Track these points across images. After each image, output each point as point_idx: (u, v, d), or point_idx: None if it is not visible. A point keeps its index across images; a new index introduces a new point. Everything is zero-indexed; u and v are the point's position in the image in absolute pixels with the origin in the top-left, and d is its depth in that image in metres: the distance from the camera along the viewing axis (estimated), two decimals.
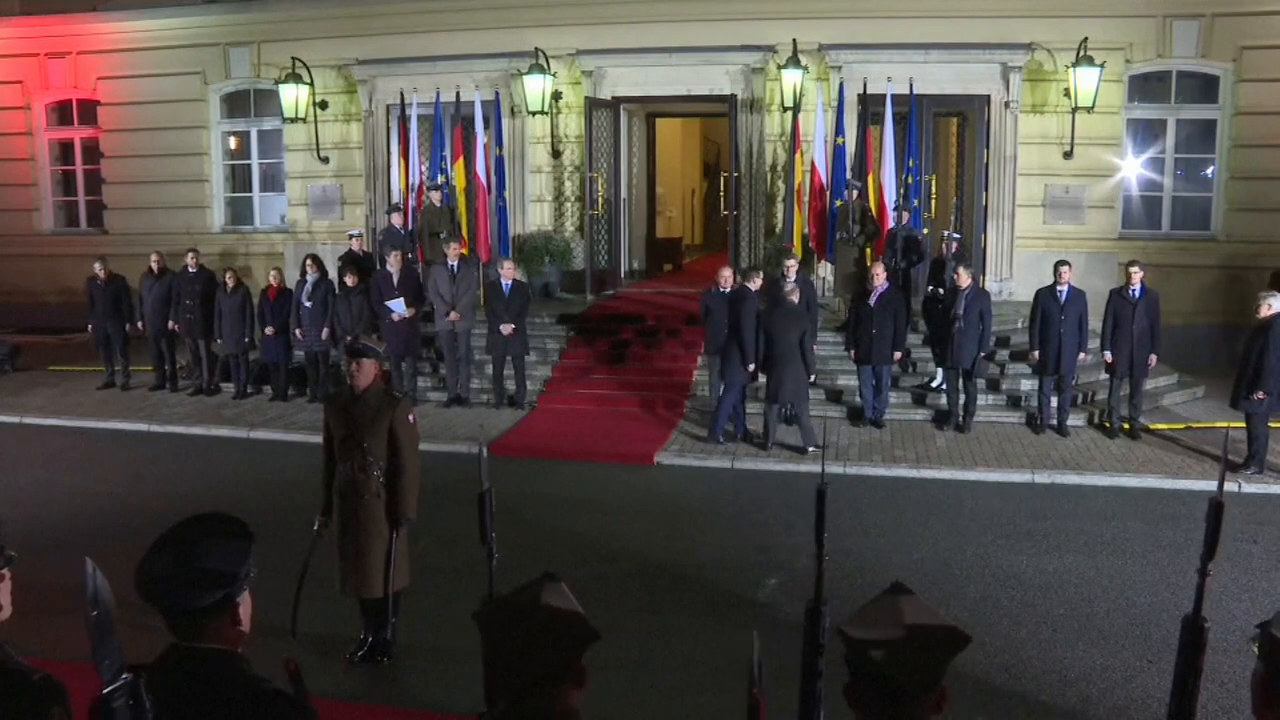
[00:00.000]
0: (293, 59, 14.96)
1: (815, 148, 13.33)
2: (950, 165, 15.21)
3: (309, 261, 12.48)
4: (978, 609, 6.62)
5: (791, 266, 11.10)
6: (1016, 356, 11.93)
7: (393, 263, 12.07)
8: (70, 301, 15.48)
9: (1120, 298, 10.60)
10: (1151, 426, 10.91)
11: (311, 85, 15.28)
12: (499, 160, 13.88)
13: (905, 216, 12.34)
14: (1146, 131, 14.09)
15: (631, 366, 12.55)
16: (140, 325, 13.19)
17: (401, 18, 14.87)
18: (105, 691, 1.88)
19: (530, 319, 12.31)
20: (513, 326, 11.65)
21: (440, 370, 12.73)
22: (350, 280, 12.05)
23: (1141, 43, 13.53)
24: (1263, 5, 13.27)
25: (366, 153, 15.55)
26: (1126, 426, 10.74)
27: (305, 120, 15.30)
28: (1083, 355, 10.89)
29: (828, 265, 13.65)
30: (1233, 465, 9.28)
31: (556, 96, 14.63)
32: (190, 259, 13.00)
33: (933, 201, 14.10)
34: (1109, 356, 10.62)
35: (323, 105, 15.51)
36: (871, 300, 10.91)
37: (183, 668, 2.13)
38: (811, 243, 13.50)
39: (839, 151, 13.22)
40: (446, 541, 7.24)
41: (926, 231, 12.80)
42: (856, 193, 12.62)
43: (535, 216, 15.15)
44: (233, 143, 16.84)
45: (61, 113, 17.47)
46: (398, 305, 11.78)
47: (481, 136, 13.65)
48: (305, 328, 12.21)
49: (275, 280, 12.64)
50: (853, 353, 11.17)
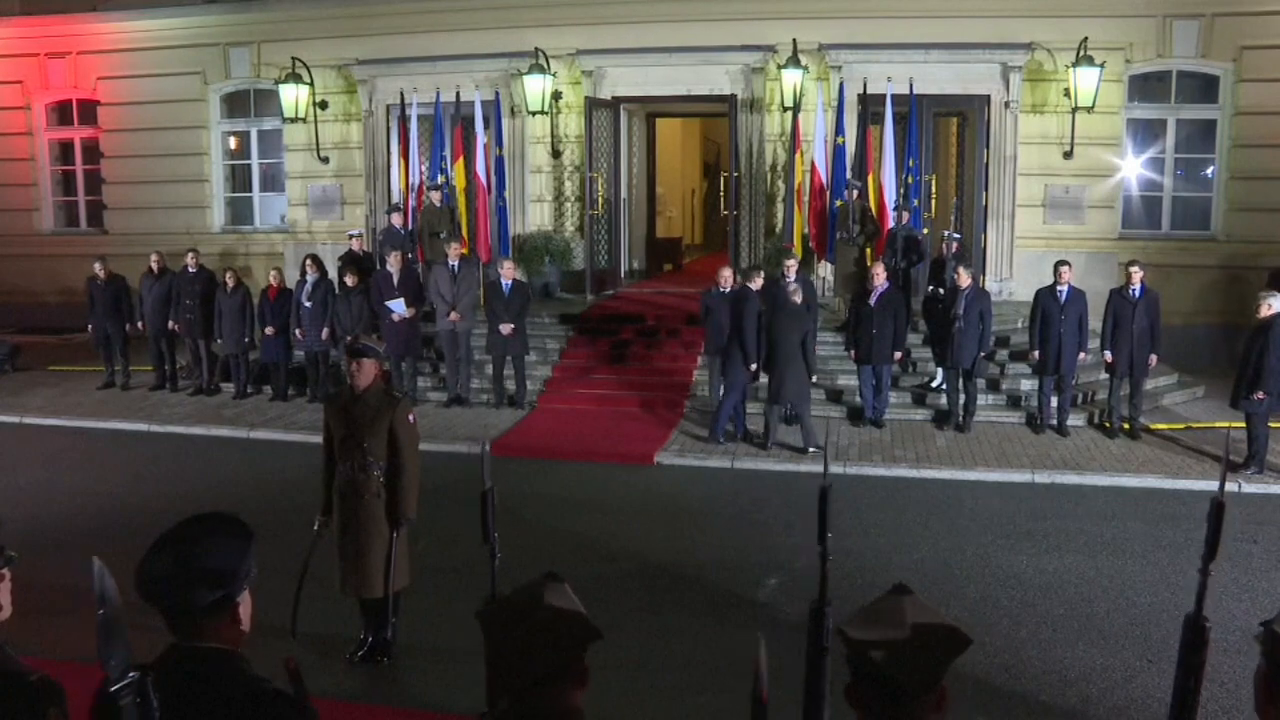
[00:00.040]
0: (293, 59, 14.97)
1: (815, 148, 13.34)
2: (950, 165, 15.20)
3: (309, 261, 12.48)
4: (978, 609, 6.62)
5: (791, 266, 11.11)
6: (1016, 356, 11.93)
7: (393, 263, 12.07)
8: (70, 301, 15.48)
9: (1120, 297, 10.60)
10: (1151, 426, 10.92)
11: (311, 85, 15.29)
12: (499, 160, 13.88)
13: (905, 216, 12.34)
14: (1146, 131, 14.09)
15: (631, 366, 12.55)
16: (140, 325, 13.19)
17: (401, 18, 14.87)
18: (113, 689, 1.88)
19: (530, 319, 12.31)
20: (512, 326, 11.66)
21: (440, 370, 12.73)
22: (350, 280, 12.05)
23: (1141, 43, 13.53)
24: (1263, 5, 13.27)
25: (366, 153, 15.55)
26: (1126, 426, 10.74)
27: (305, 120, 15.30)
28: (1083, 355, 10.89)
29: (828, 265, 13.64)
30: (1233, 465, 9.29)
31: (556, 96, 14.63)
32: (190, 259, 13.00)
33: (933, 201, 14.10)
34: (1109, 356, 10.62)
35: (323, 105, 15.51)
36: (871, 300, 10.91)
37: (183, 667, 2.13)
38: (811, 243, 13.50)
39: (839, 151, 13.22)
40: (446, 541, 7.25)
41: (926, 231, 12.80)
42: (856, 193, 12.62)
43: (535, 216, 15.15)
44: (233, 143, 16.84)
45: (61, 113, 17.47)
46: (398, 305, 11.78)
47: (481, 136, 13.65)
48: (305, 328, 12.22)
49: (275, 280, 12.64)
50: (853, 353, 11.18)
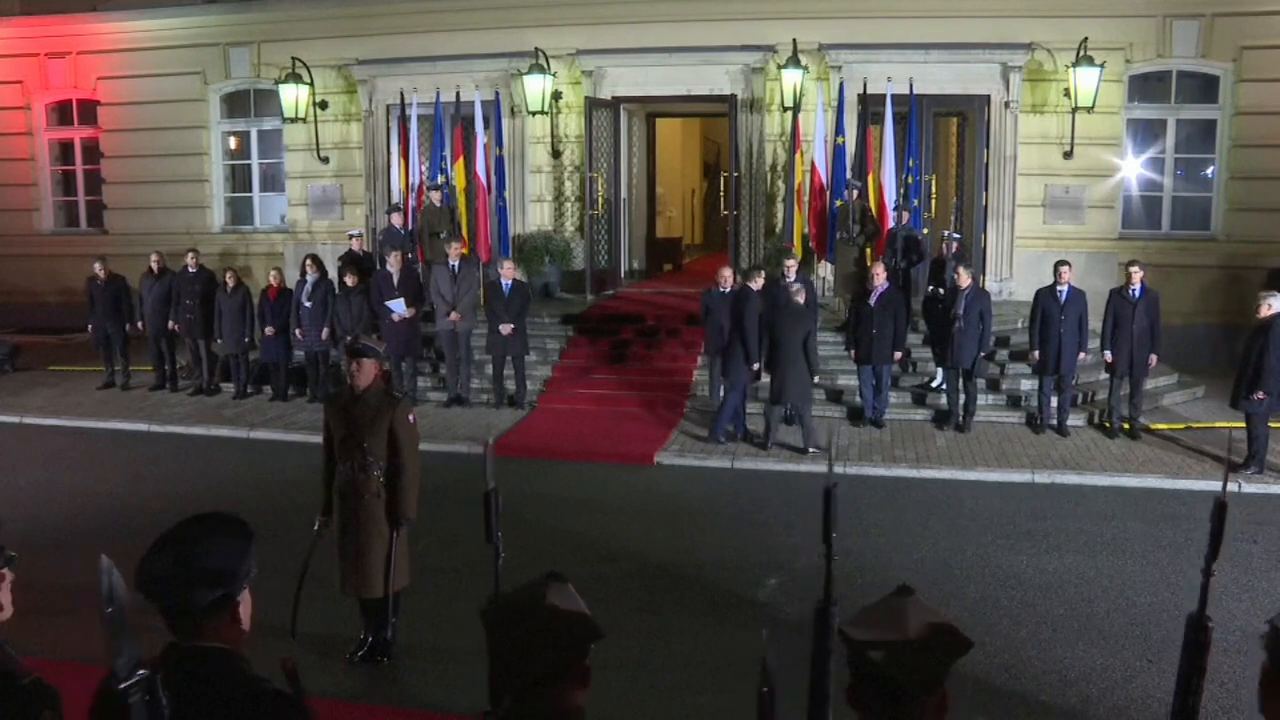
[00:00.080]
0: (293, 59, 14.96)
1: (815, 148, 13.33)
2: (950, 165, 15.20)
3: (309, 261, 12.48)
4: (978, 609, 6.62)
5: (792, 266, 11.11)
6: (1016, 356, 11.93)
7: (393, 263, 12.07)
8: (70, 301, 15.48)
9: (1120, 297, 10.60)
10: (1151, 426, 10.91)
11: (311, 85, 15.29)
12: (499, 160, 13.88)
13: (905, 216, 12.33)
14: (1146, 131, 14.08)
15: (631, 366, 12.55)
16: (140, 325, 13.19)
17: (401, 18, 14.87)
18: (121, 687, 1.88)
19: (530, 319, 12.31)
20: (512, 326, 11.65)
21: (440, 370, 12.73)
22: (350, 280, 12.05)
23: (1141, 43, 13.53)
24: (1263, 5, 13.27)
25: (366, 153, 15.55)
26: (1126, 426, 10.74)
27: (305, 120, 15.30)
28: (1083, 355, 10.89)
29: (828, 265, 13.64)
30: (1233, 465, 9.30)
31: (556, 96, 14.63)
32: (190, 259, 13.00)
33: (933, 201, 14.10)
34: (1109, 356, 10.62)
35: (323, 105, 15.51)
36: (871, 300, 10.91)
37: (182, 667, 2.12)
38: (811, 243, 13.50)
39: (839, 151, 13.21)
40: (446, 541, 7.24)
41: (926, 231, 12.80)
42: (856, 193, 12.62)
43: (535, 216, 15.15)
44: (233, 143, 16.84)
45: (61, 113, 17.47)
46: (398, 305, 11.78)
47: (481, 136, 13.64)
48: (305, 328, 12.21)
49: (275, 280, 12.64)
50: (853, 353, 11.17)
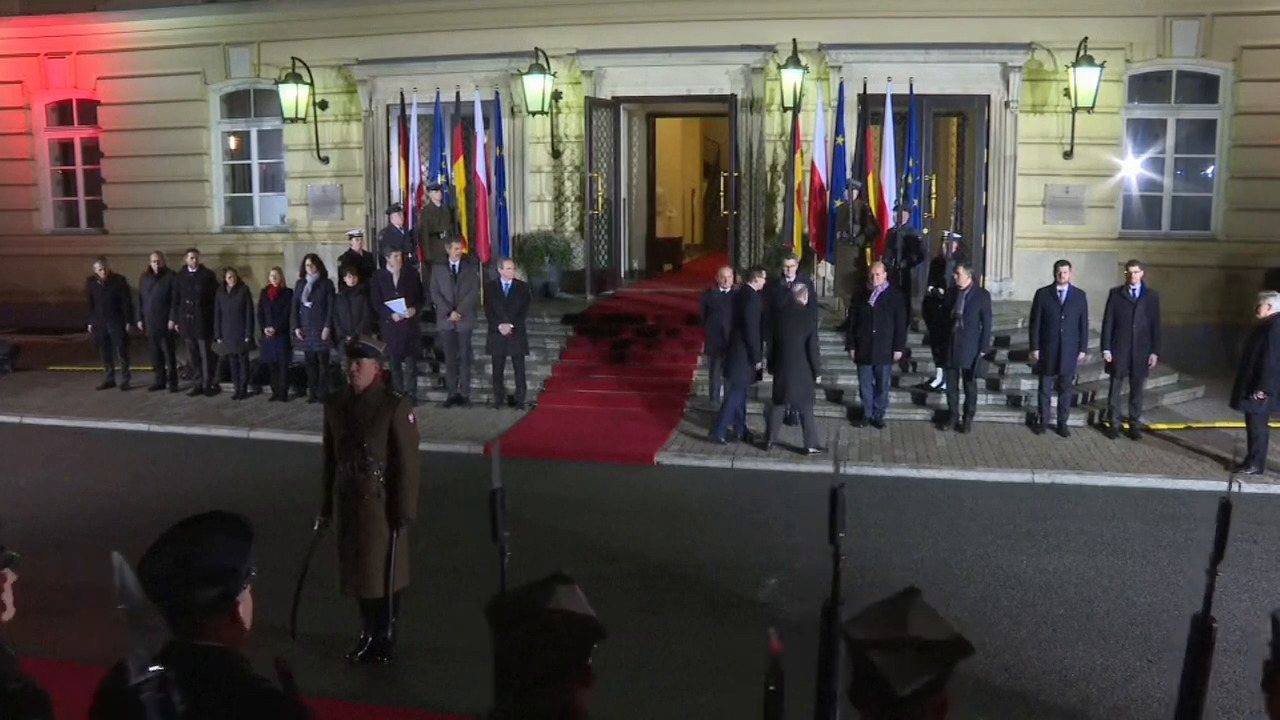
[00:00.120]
0: (293, 59, 14.96)
1: (815, 148, 13.33)
2: (950, 165, 15.20)
3: (309, 261, 12.48)
4: (978, 609, 6.62)
5: (792, 266, 11.11)
6: (1016, 356, 11.93)
7: (393, 263, 12.07)
8: (70, 301, 15.47)
9: (1120, 297, 10.60)
10: (1151, 426, 10.91)
11: (311, 85, 15.28)
12: (499, 160, 13.89)
13: (905, 216, 12.33)
14: (1146, 131, 14.08)
15: (632, 366, 12.55)
16: (140, 325, 13.18)
17: (401, 18, 14.87)
18: (133, 684, 1.88)
19: (530, 319, 12.31)
20: (512, 326, 11.65)
21: (440, 370, 12.72)
22: (350, 280, 12.05)
23: (1141, 43, 13.53)
24: (1263, 5, 13.27)
25: (366, 153, 15.55)
26: (1126, 426, 10.74)
27: (305, 120, 15.30)
28: (1083, 355, 10.89)
29: (828, 265, 13.64)
30: (1234, 465, 9.29)
31: (556, 96, 14.63)
32: (190, 259, 12.99)
33: (933, 201, 14.10)
34: (1109, 356, 10.62)
35: (323, 105, 15.51)
36: (871, 300, 10.91)
37: (182, 665, 2.12)
38: (811, 243, 13.50)
39: (839, 151, 13.21)
40: (446, 541, 7.25)
41: (926, 231, 12.80)
42: (856, 193, 12.62)
43: (535, 216, 15.15)
44: (233, 143, 16.84)
45: (61, 113, 17.47)
46: (398, 305, 11.78)
47: (481, 136, 13.65)
48: (305, 328, 12.21)
49: (275, 280, 12.64)
50: (853, 353, 11.17)
